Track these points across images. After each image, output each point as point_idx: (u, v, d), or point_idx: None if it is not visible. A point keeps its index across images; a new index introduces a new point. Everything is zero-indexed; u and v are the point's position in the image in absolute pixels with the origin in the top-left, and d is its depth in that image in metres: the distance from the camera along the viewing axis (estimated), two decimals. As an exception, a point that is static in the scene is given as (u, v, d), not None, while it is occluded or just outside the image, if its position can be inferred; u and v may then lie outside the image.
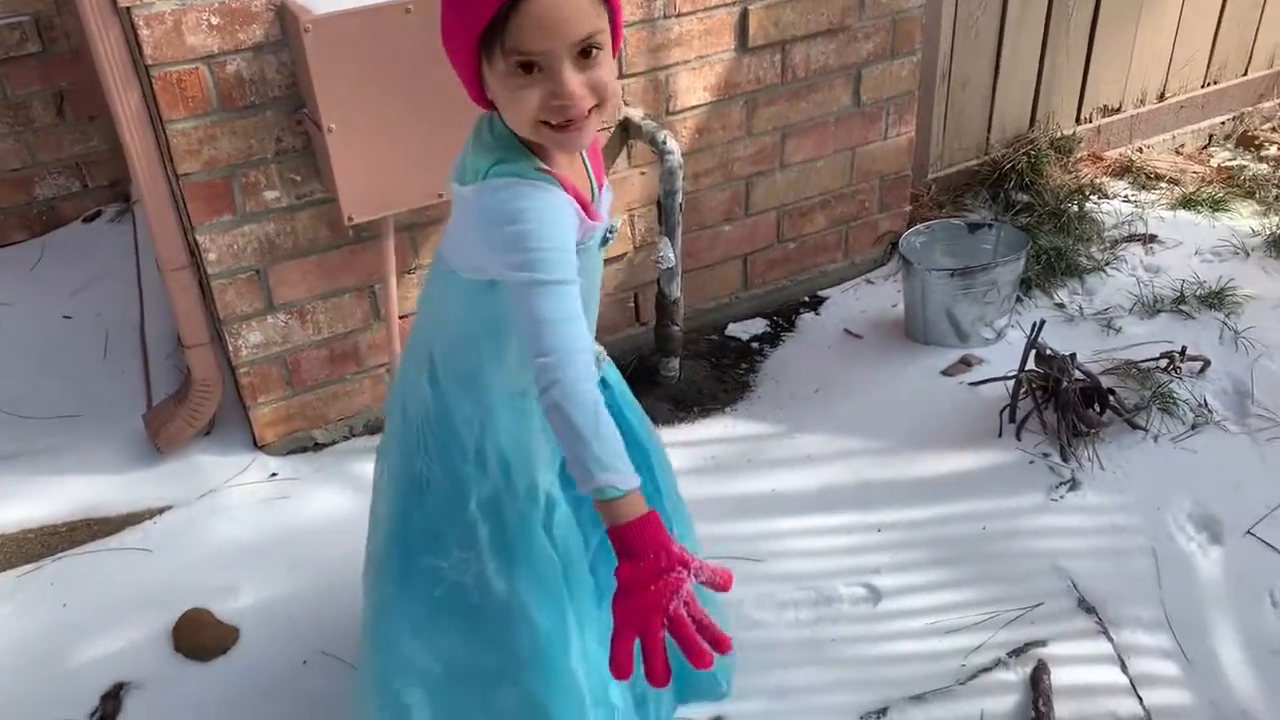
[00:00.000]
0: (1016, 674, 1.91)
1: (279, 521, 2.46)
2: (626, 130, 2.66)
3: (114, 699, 2.04)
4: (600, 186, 1.47)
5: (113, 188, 3.68)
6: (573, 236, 1.27)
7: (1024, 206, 3.38)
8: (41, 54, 3.36)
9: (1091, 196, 3.48)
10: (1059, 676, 1.89)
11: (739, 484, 2.48)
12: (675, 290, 2.75)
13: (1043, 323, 2.52)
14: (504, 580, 1.49)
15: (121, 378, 2.90)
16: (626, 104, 2.65)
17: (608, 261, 2.79)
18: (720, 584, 1.18)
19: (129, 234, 3.53)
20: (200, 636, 2.16)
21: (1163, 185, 3.59)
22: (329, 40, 2.05)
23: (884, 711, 1.86)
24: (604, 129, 2.64)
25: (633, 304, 2.94)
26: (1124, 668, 1.92)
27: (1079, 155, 3.67)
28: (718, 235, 2.98)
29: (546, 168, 1.30)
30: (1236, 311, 2.86)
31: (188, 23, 2.11)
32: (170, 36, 2.10)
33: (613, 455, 1.18)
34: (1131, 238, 3.28)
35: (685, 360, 2.93)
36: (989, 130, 3.57)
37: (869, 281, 3.23)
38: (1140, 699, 1.87)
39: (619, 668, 1.10)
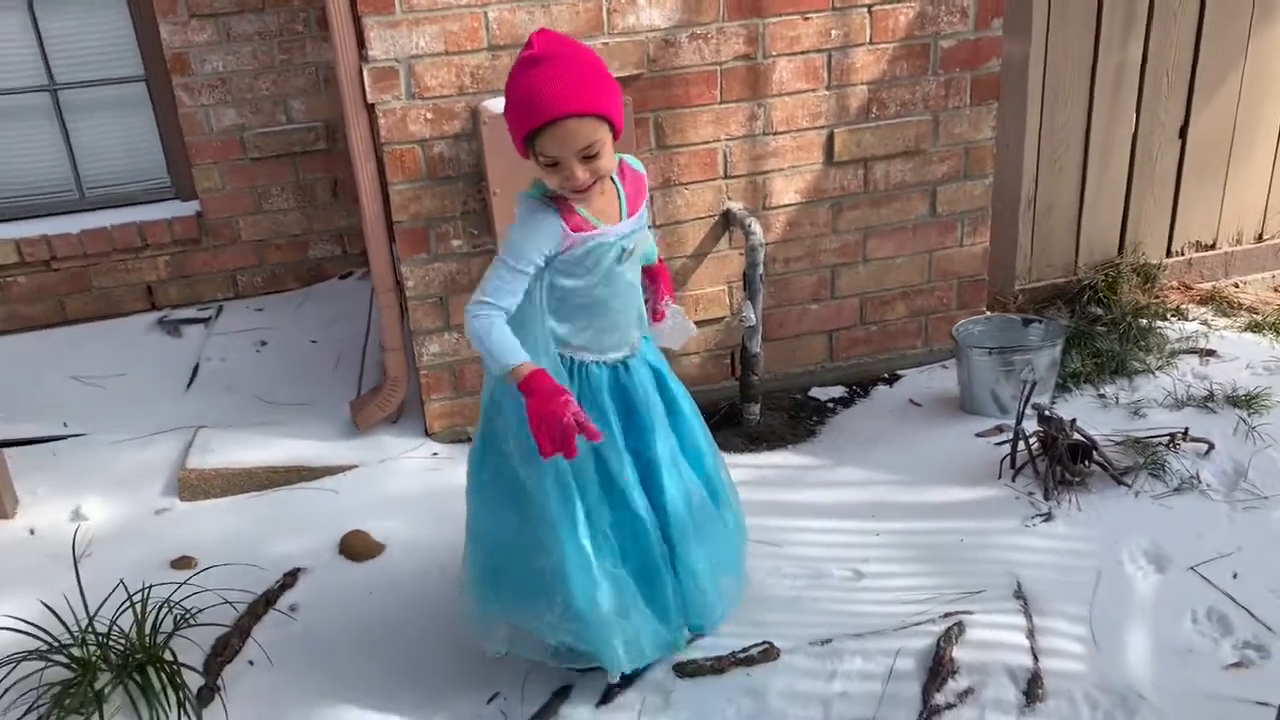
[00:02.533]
0: (939, 627, 2.39)
1: (431, 486, 3.26)
2: (727, 219, 3.42)
3: (293, 575, 2.87)
4: (632, 211, 2.16)
5: (363, 254, 4.74)
6: (544, 242, 2.02)
7: (1097, 319, 3.84)
8: (326, 150, 4.52)
9: (1169, 317, 3.88)
10: (971, 634, 2.36)
11: (780, 494, 3.08)
12: (755, 346, 3.42)
13: (1034, 384, 3.02)
14: (531, 474, 2.17)
15: (343, 381, 3.85)
16: (729, 199, 3.41)
17: (706, 322, 3.52)
18: (589, 435, 1.93)
19: (369, 290, 4.58)
20: (358, 546, 2.97)
21: (1242, 313, 3.93)
22: (498, 131, 2.93)
23: (827, 641, 2.39)
24: (709, 217, 3.39)
25: (728, 360, 3.63)
26: (1030, 635, 2.36)
27: (1166, 283, 4.08)
28: (805, 312, 3.64)
29: (554, 193, 2.03)
30: (1260, 411, 3.20)
31: (411, 116, 3.06)
32: (399, 125, 3.06)
33: (501, 354, 1.98)
34: (1191, 350, 3.66)
35: (767, 410, 3.57)
36: (1076, 253, 4.06)
37: (944, 367, 3.76)
38: (1036, 659, 2.31)
39: (541, 453, 1.88)
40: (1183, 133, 3.97)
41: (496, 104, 3.01)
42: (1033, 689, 2.23)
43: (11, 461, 3.29)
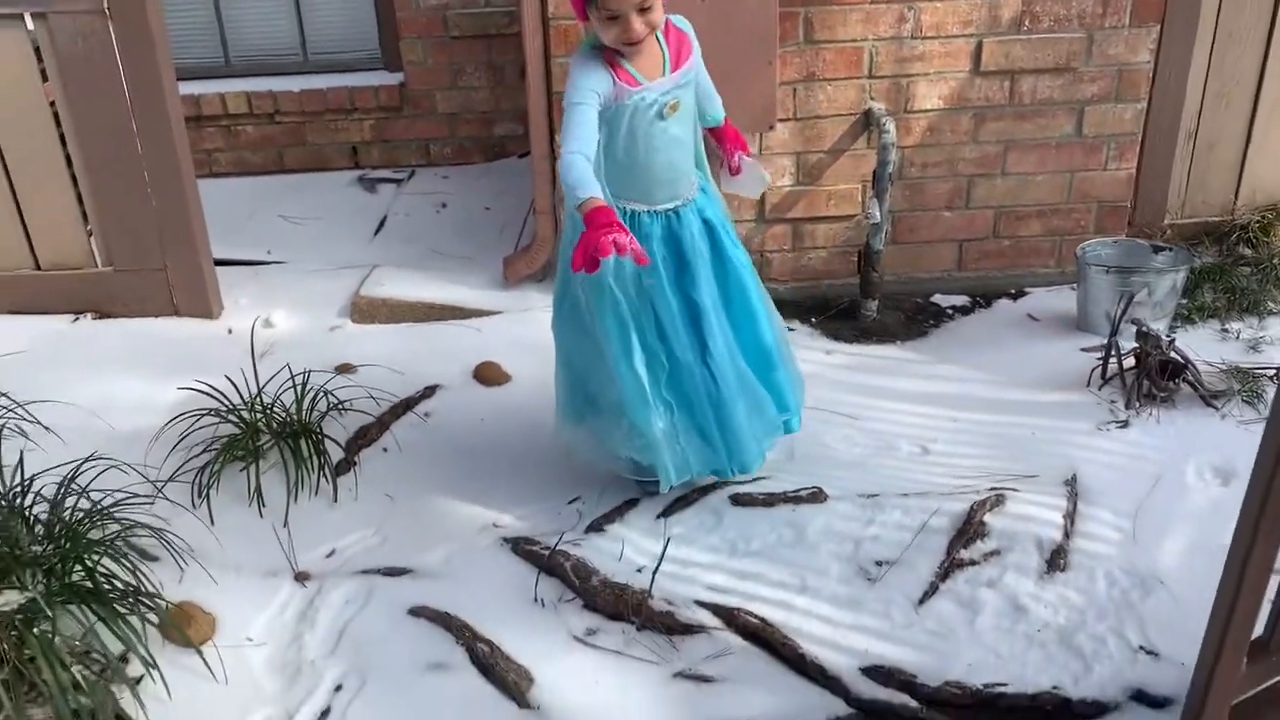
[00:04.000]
0: (982, 496, 2.56)
1: None
2: (868, 118, 3.56)
3: (431, 389, 3.30)
4: (675, 67, 2.31)
5: (543, 136, 5.14)
6: (596, 82, 2.19)
7: (1242, 259, 3.77)
8: (518, 34, 4.88)
9: (1327, 266, 3.76)
10: (1010, 507, 2.52)
11: (872, 379, 3.27)
12: (878, 244, 3.58)
13: (1132, 296, 3.05)
14: (595, 312, 2.41)
15: (505, 243, 4.26)
16: (871, 99, 3.56)
17: (837, 219, 3.70)
18: (638, 258, 2.08)
19: (543, 166, 4.96)
20: (489, 374, 3.37)
21: None
22: (652, 12, 3.18)
23: (874, 496, 2.61)
24: (850, 115, 3.55)
25: (855, 257, 3.80)
26: (1069, 517, 2.50)
27: (1335, 233, 3.93)
28: (938, 219, 3.76)
29: (602, 46, 2.22)
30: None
31: (577, -5, 3.36)
32: (563, 1, 3.37)
33: (572, 187, 2.12)
34: (1339, 298, 3.56)
35: (885, 309, 3.73)
36: (1236, 194, 3.97)
37: (1072, 289, 3.79)
38: (1067, 536, 2.45)
39: (572, 265, 2.11)
40: (1371, 74, 3.78)
41: (654, -12, 3.25)
42: (1055, 559, 2.38)
43: (223, 276, 3.87)
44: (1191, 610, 2.11)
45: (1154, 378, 2.93)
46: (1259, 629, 1.81)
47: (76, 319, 3.64)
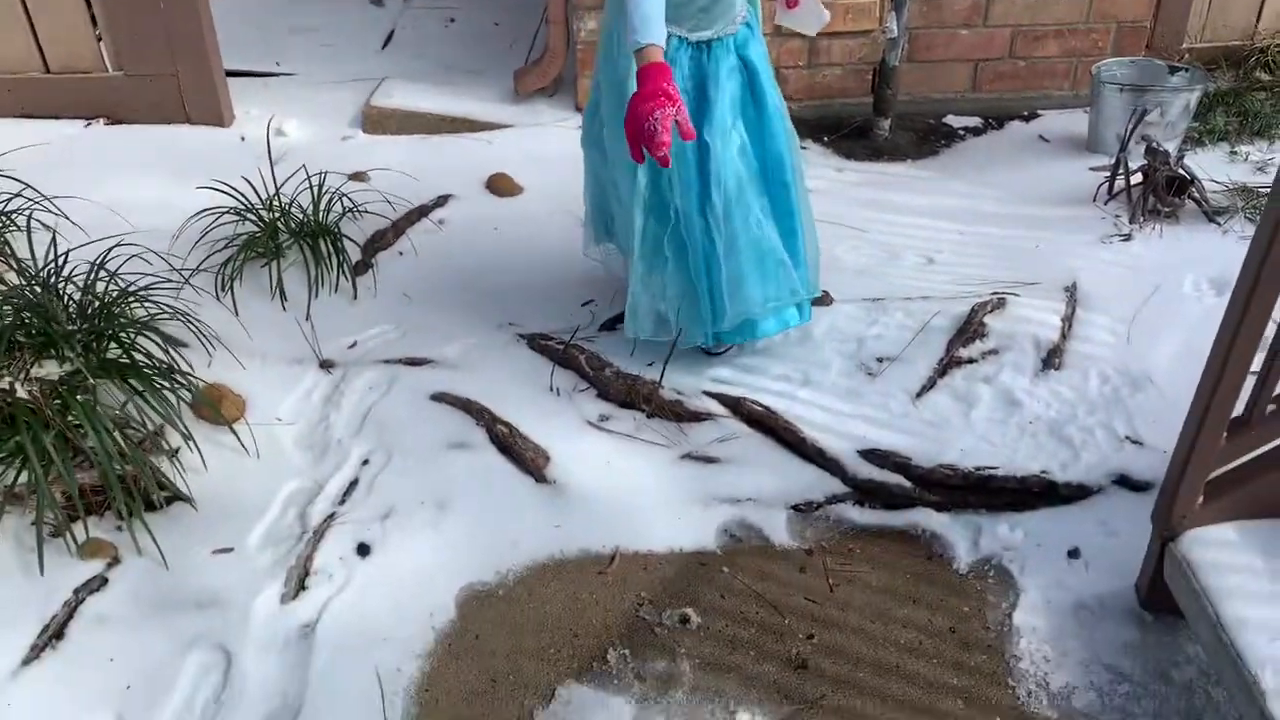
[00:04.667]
0: (982, 299, 2.64)
1: (573, 150, 3.56)
2: (888, -72, 3.49)
3: (444, 199, 3.34)
4: None
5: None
6: None
7: (1259, 84, 3.75)
8: None
9: (1343, 93, 3.74)
10: (1011, 310, 2.61)
11: (881, 194, 3.31)
12: (894, 59, 3.56)
13: (1145, 112, 3.07)
14: (611, 136, 2.36)
15: (515, 58, 4.21)
16: (893, -92, 3.47)
17: (853, 34, 3.66)
18: (684, 133, 1.91)
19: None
20: (502, 185, 3.41)
21: None
22: None
23: (879, 299, 2.69)
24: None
25: (869, 76, 3.77)
26: (1067, 320, 2.59)
27: (1353, 59, 3.89)
28: (954, 37, 3.72)
29: None
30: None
31: None
32: None
33: (639, 21, 1.91)
34: (1350, 124, 3.55)
35: (898, 129, 3.73)
36: (1259, 17, 3.90)
37: (1085, 111, 3.77)
38: (1064, 337, 2.54)
39: (631, 150, 1.96)
40: None
41: None
42: (1051, 358, 2.48)
43: (233, 86, 3.85)
44: (1178, 405, 2.18)
45: (1160, 193, 2.97)
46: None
47: (89, 124, 3.64)
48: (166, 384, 2.26)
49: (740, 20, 2.27)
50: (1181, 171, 3.00)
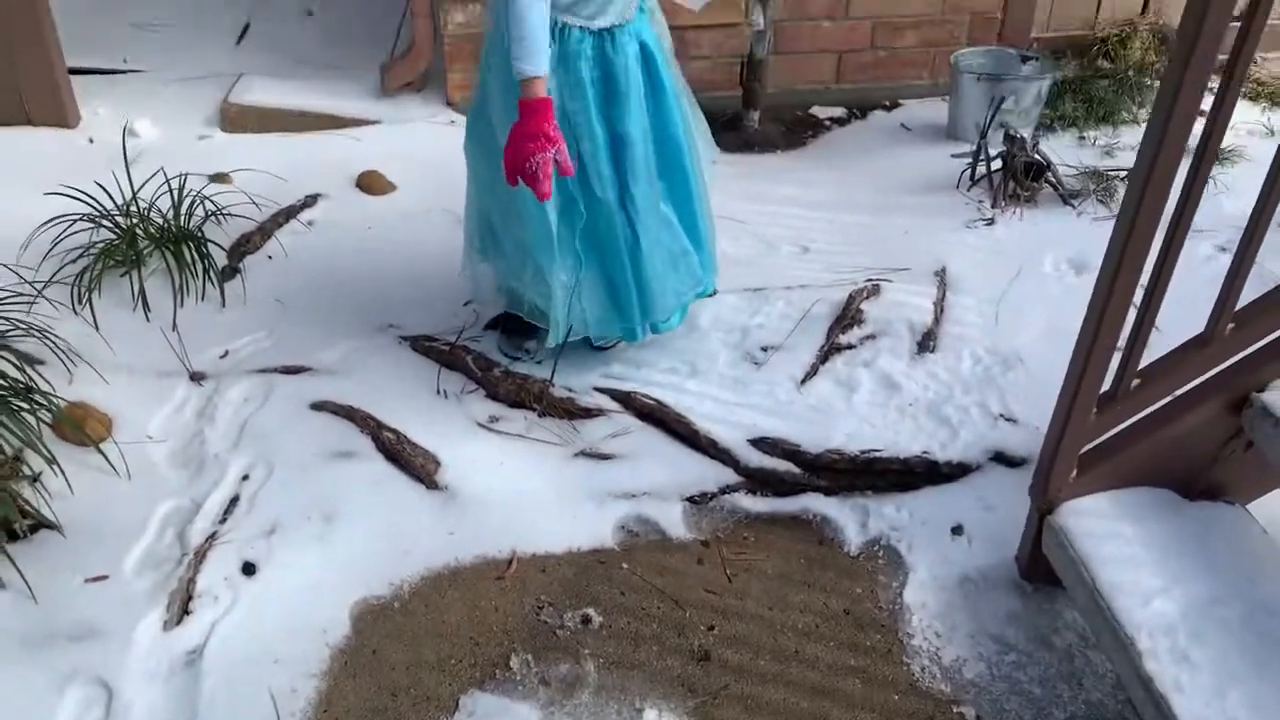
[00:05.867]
0: (858, 286, 2.72)
1: (444, 147, 3.53)
2: (751, -78, 3.53)
3: (313, 198, 3.23)
4: None
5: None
6: None
7: (1102, 72, 3.95)
8: None
9: (1176, 79, 3.97)
10: (885, 296, 2.69)
11: (756, 186, 3.36)
12: (761, 52, 3.61)
13: (1002, 100, 3.21)
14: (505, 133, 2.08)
15: (380, 51, 4.11)
16: (755, -98, 3.52)
17: (719, 26, 3.69)
18: (563, 170, 1.96)
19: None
20: (372, 183, 3.32)
21: (1250, 85, 4.00)
22: None
23: (760, 289, 2.74)
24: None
25: (737, 68, 3.82)
26: (939, 304, 2.68)
27: (1184, 47, 4.13)
28: (818, 29, 3.80)
29: None
30: (1225, 165, 3.36)
31: None
32: None
33: (526, 51, 1.90)
34: (1184, 109, 3.77)
35: (766, 121, 3.79)
36: (1098, 8, 4.11)
37: (944, 100, 3.92)
38: (937, 321, 2.63)
39: (507, 179, 1.97)
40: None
41: None
42: (925, 341, 2.56)
43: (77, 85, 3.64)
44: (1046, 383, 2.29)
45: (1019, 178, 3.10)
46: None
47: (-84, 128, 3.40)
48: (24, 405, 2.12)
49: (635, 3, 2.20)
50: (1038, 157, 3.14)
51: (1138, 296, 1.73)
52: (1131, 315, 1.77)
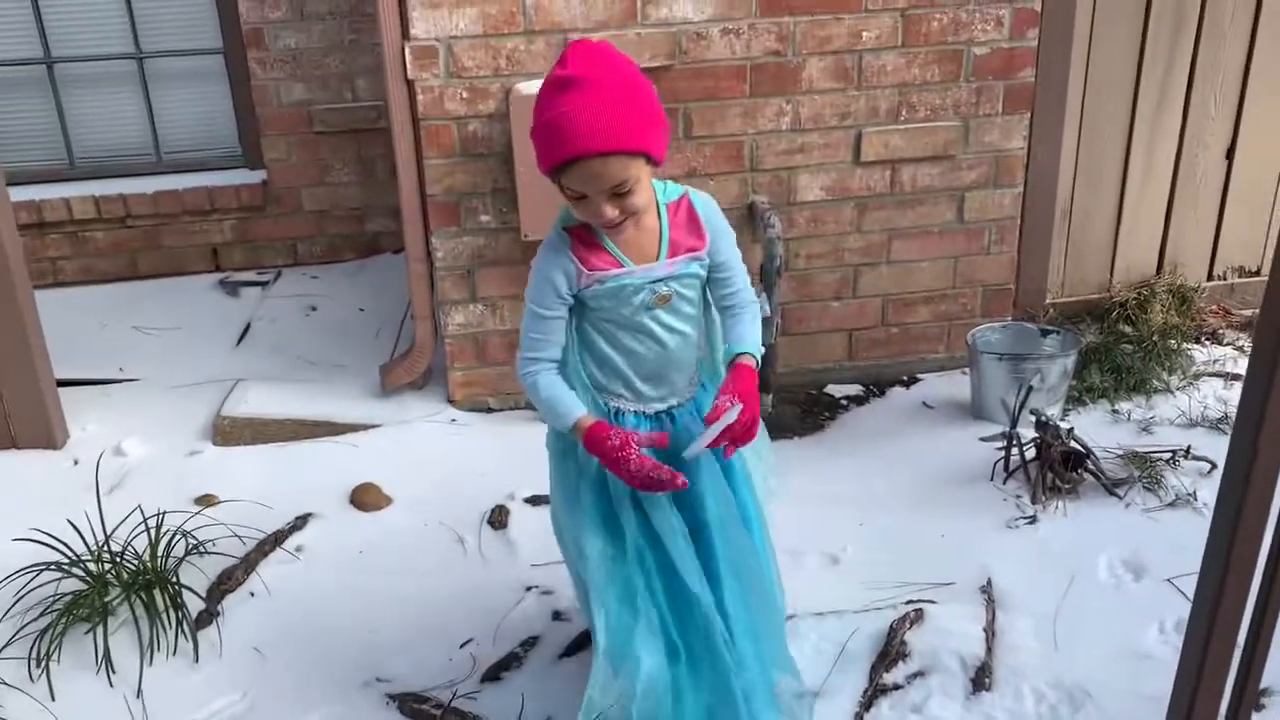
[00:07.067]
0: (899, 612, 2.44)
1: (446, 449, 3.41)
2: (752, 212, 3.50)
3: (303, 519, 3.03)
4: (673, 254, 1.87)
5: (417, 231, 4.95)
6: (560, 282, 1.83)
7: (1124, 337, 3.81)
8: (387, 129, 4.70)
9: (1202, 340, 3.84)
10: (930, 622, 2.41)
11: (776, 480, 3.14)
12: (769, 338, 3.49)
13: (1031, 388, 3.03)
14: (573, 525, 2.02)
15: (382, 348, 4.03)
16: (755, 192, 3.49)
17: (727, 311, 3.59)
18: (656, 441, 1.85)
19: (418, 263, 4.76)
20: (367, 498, 3.13)
21: (1280, 340, 3.85)
22: (528, 113, 3.06)
23: (790, 617, 2.46)
24: (733, 209, 3.47)
25: (747, 351, 3.69)
26: (989, 629, 2.40)
27: (1205, 307, 4.03)
28: (826, 309, 3.70)
29: (578, 225, 1.84)
30: (1274, 436, 3.16)
31: (448, 94, 3.21)
32: (436, 102, 3.22)
33: (552, 413, 1.88)
34: (1216, 374, 3.61)
35: (780, 403, 3.64)
36: (1112, 271, 4.03)
37: (963, 373, 3.77)
38: (989, 650, 2.34)
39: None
40: (1229, 154, 3.91)
41: (529, 86, 3.14)
42: (980, 677, 2.27)
43: (68, 399, 3.54)
44: (1122, 724, 2.03)
45: (1057, 469, 2.88)
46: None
47: (-108, 460, 3.26)
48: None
49: (696, 383, 2.06)
50: (1074, 444, 2.93)
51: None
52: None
